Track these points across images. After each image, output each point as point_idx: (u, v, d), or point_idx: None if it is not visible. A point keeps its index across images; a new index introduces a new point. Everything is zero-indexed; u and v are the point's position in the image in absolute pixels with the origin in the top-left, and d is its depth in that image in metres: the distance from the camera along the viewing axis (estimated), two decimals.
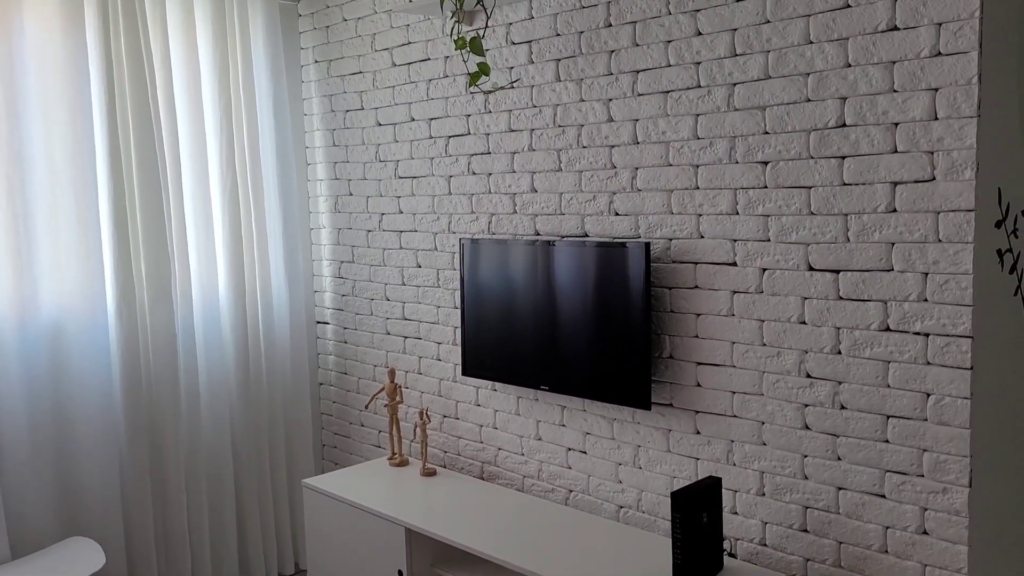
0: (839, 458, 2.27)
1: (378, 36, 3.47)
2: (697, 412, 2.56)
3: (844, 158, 2.19)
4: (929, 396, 2.09)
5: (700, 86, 2.46)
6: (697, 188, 2.49)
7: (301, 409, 3.81)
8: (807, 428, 2.32)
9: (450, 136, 3.22)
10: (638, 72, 2.61)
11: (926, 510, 2.12)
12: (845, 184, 2.19)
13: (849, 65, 2.16)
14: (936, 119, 2.02)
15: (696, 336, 2.53)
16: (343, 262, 3.80)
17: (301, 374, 3.81)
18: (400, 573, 2.88)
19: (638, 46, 2.59)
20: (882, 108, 2.11)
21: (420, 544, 2.85)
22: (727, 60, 2.39)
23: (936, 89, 2.02)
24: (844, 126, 2.18)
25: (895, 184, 2.10)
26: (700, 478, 2.54)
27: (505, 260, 2.97)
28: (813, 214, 2.26)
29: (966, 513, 2.05)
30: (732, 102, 2.39)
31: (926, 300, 2.07)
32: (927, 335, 2.08)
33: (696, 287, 2.52)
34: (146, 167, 3.23)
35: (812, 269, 2.28)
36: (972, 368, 2.02)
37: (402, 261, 3.50)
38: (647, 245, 2.51)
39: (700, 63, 2.45)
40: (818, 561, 2.33)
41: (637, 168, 2.64)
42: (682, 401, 2.59)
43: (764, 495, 2.43)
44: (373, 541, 2.96)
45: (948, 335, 2.04)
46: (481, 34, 2.88)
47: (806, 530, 2.36)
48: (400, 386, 3.43)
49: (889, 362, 2.15)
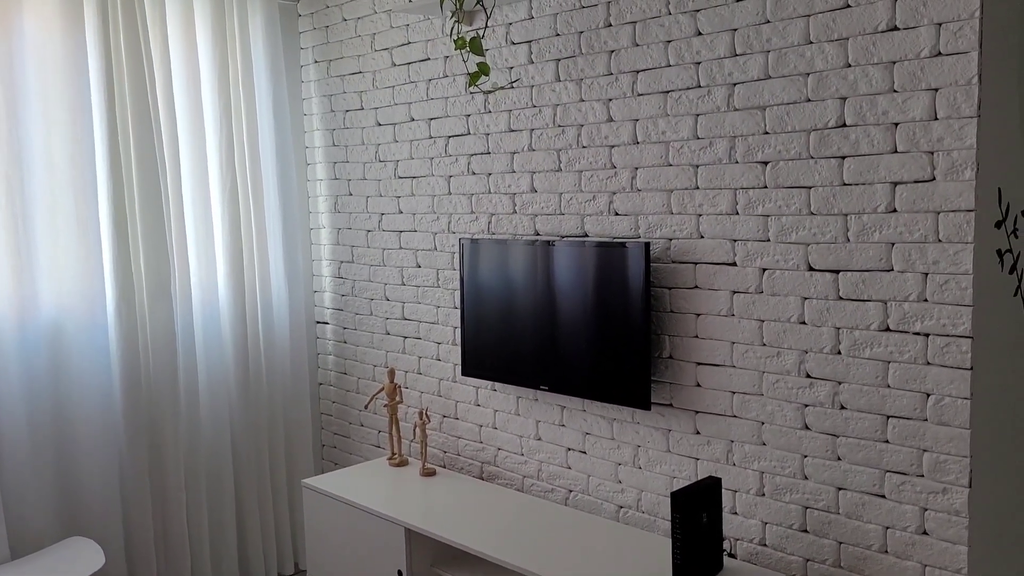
0: (839, 458, 2.27)
1: (378, 36, 3.47)
2: (697, 412, 2.56)
3: (844, 158, 2.19)
4: (929, 396, 2.09)
5: (700, 86, 2.46)
6: (697, 188, 2.49)
7: (301, 409, 3.81)
8: (807, 428, 2.32)
9: (450, 136, 3.22)
10: (638, 72, 2.60)
11: (926, 510, 2.12)
12: (845, 184, 2.19)
13: (849, 65, 2.16)
14: (936, 119, 2.02)
15: (696, 336, 2.53)
16: (343, 262, 3.79)
17: (301, 374, 3.81)
18: (400, 573, 2.87)
19: (638, 46, 2.59)
20: (882, 108, 2.11)
21: (420, 544, 2.85)
22: (727, 60, 2.39)
23: (936, 89, 2.02)
24: (844, 126, 2.18)
25: (895, 184, 2.10)
26: (700, 478, 2.54)
27: (505, 260, 2.97)
28: (813, 214, 2.26)
29: (966, 513, 2.05)
30: (732, 102, 2.39)
31: (926, 300, 2.07)
32: (927, 335, 2.08)
33: (696, 287, 2.52)
34: (146, 167, 3.23)
35: (812, 269, 2.28)
36: (972, 368, 2.02)
37: (402, 261, 3.50)
38: (647, 245, 2.51)
39: (700, 63, 2.45)
40: (818, 561, 2.33)
41: (637, 168, 2.63)
42: (682, 401, 2.59)
43: (764, 495, 2.43)
44: (373, 541, 2.96)
45: (948, 335, 2.04)
46: (481, 34, 2.88)
47: (806, 530, 2.36)
48: (400, 386, 3.43)
49: (889, 362, 2.15)
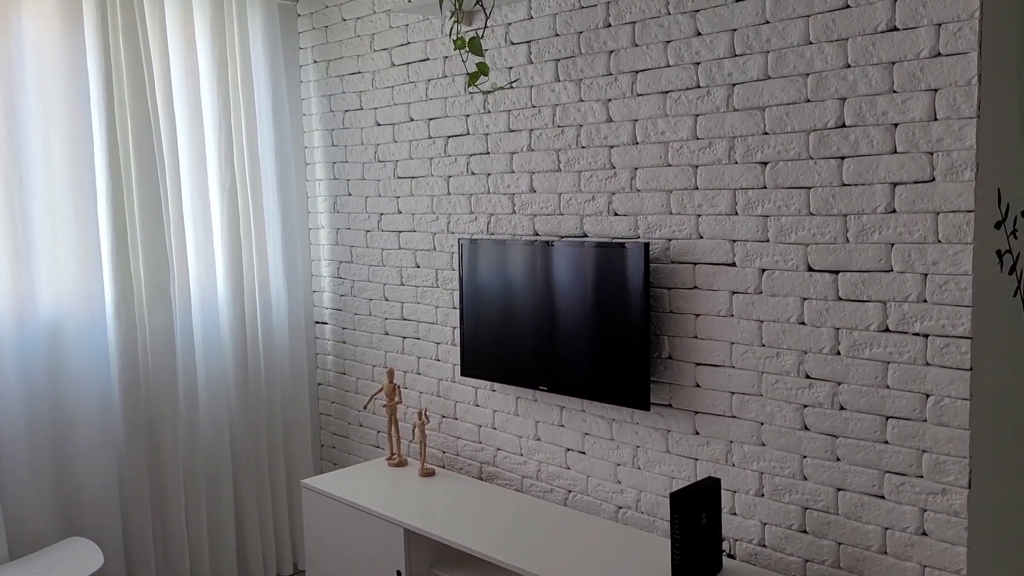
0: (838, 459, 2.27)
1: (377, 36, 3.47)
2: (696, 413, 2.55)
3: (843, 159, 2.19)
4: (928, 397, 2.09)
5: (699, 86, 2.45)
6: (696, 188, 2.49)
7: (300, 409, 3.81)
8: (806, 429, 2.32)
9: (449, 136, 3.22)
10: (637, 72, 2.60)
11: (925, 511, 2.11)
12: (844, 185, 2.19)
13: (849, 66, 2.15)
14: (936, 120, 2.02)
15: (695, 337, 2.53)
16: (342, 262, 3.79)
17: (300, 374, 3.81)
18: (399, 573, 2.87)
19: (637, 46, 2.59)
20: (882, 109, 2.11)
21: (419, 544, 2.85)
22: (726, 60, 2.39)
23: (936, 90, 2.01)
24: (843, 127, 2.18)
25: (894, 185, 2.10)
26: (699, 479, 2.54)
27: (504, 260, 2.97)
28: (812, 215, 2.26)
29: (965, 514, 2.05)
30: (731, 102, 2.39)
31: (925, 301, 2.07)
32: (926, 336, 2.08)
33: (695, 287, 2.52)
34: (145, 167, 3.23)
35: (811, 270, 2.27)
36: (971, 369, 2.01)
37: (401, 261, 3.49)
38: (646, 245, 2.51)
39: (699, 63, 2.45)
40: (817, 562, 2.33)
41: (636, 168, 2.63)
42: (681, 402, 2.59)
43: (763, 496, 2.43)
44: (372, 541, 2.96)
45: (947, 336, 2.04)
46: (480, 34, 2.88)
47: (805, 531, 2.35)
48: (399, 386, 3.43)
49: (888, 363, 2.15)
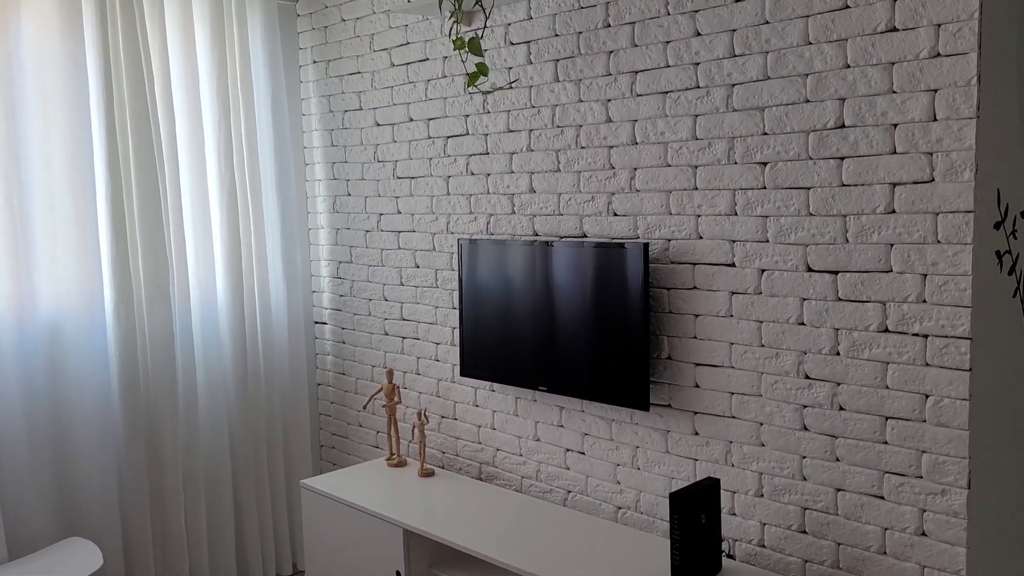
0: (838, 459, 2.27)
1: (376, 36, 3.47)
2: (695, 413, 2.55)
3: (843, 159, 2.19)
4: (928, 397, 2.09)
5: (699, 87, 2.45)
6: (696, 189, 2.49)
7: (299, 410, 3.81)
8: (806, 429, 2.32)
9: (448, 136, 3.22)
10: (637, 73, 2.60)
11: (925, 511, 2.11)
12: (844, 185, 2.19)
13: (848, 66, 2.15)
14: (935, 120, 2.02)
15: (695, 337, 2.53)
16: (341, 262, 3.79)
17: (299, 374, 3.80)
18: (398, 574, 2.87)
19: (637, 47, 2.59)
20: (881, 109, 2.11)
21: (418, 545, 2.85)
22: (726, 61, 2.39)
23: (935, 90, 2.01)
24: (843, 127, 2.18)
25: (894, 185, 2.10)
26: (698, 479, 2.53)
27: (503, 261, 2.97)
28: (812, 215, 2.25)
29: (965, 515, 2.05)
30: (731, 103, 2.39)
31: (925, 301, 2.07)
32: (926, 336, 2.08)
33: (695, 288, 2.52)
34: (144, 167, 3.23)
35: (811, 270, 2.27)
36: (971, 369, 2.01)
37: (400, 261, 3.49)
38: (646, 246, 2.51)
39: (699, 64, 2.45)
40: (817, 562, 2.33)
41: (636, 169, 2.63)
42: (680, 402, 2.59)
43: (763, 496, 2.43)
44: (371, 542, 2.96)
45: (947, 336, 2.04)
46: (480, 34, 2.88)
47: (805, 531, 2.35)
48: (398, 386, 3.43)
49: (888, 363, 2.15)
